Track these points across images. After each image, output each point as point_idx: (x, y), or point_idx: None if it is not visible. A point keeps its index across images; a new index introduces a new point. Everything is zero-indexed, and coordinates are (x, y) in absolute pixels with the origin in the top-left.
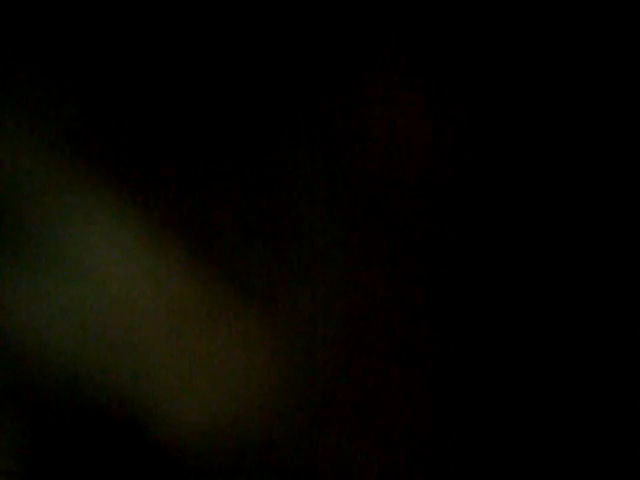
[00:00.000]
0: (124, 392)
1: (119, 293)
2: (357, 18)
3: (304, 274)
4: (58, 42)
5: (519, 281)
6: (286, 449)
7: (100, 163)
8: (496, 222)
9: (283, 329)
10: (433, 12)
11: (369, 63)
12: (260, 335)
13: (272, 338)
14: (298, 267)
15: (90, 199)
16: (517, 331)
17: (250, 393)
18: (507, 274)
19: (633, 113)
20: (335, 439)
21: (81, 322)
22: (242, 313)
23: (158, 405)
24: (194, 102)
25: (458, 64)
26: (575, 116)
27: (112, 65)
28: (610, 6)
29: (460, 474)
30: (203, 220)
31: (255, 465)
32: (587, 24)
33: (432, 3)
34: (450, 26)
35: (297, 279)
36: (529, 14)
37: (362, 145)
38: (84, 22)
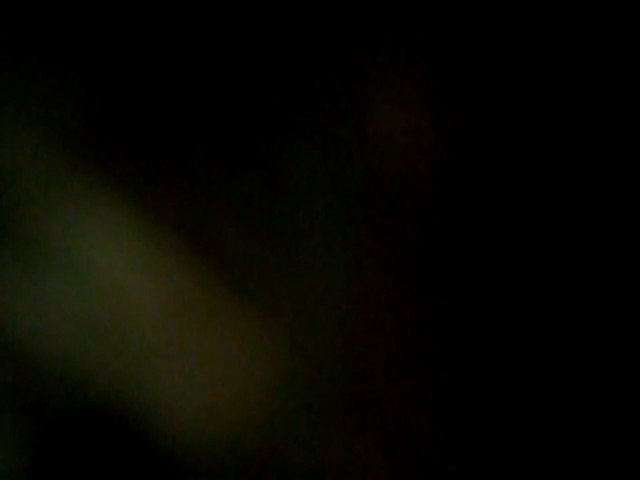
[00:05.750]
0: (124, 391)
1: (120, 293)
2: (358, 14)
3: (305, 273)
4: (58, 42)
5: (522, 280)
6: (286, 449)
7: (101, 162)
8: (499, 221)
9: (283, 329)
10: (434, 7)
11: (370, 60)
12: (260, 334)
13: (272, 338)
14: (299, 266)
15: (91, 199)
16: (520, 333)
17: (250, 392)
18: (510, 273)
19: (635, 110)
20: (335, 439)
21: (81, 321)
22: (242, 312)
23: (158, 404)
24: (195, 101)
25: (460, 60)
26: (577, 115)
27: (112, 64)
28: (610, 4)
29: (461, 474)
30: (204, 220)
31: (255, 465)
32: (588, 21)
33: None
34: (451, 22)
35: (298, 278)
36: (532, 10)
37: (363, 144)
38: (84, 22)
